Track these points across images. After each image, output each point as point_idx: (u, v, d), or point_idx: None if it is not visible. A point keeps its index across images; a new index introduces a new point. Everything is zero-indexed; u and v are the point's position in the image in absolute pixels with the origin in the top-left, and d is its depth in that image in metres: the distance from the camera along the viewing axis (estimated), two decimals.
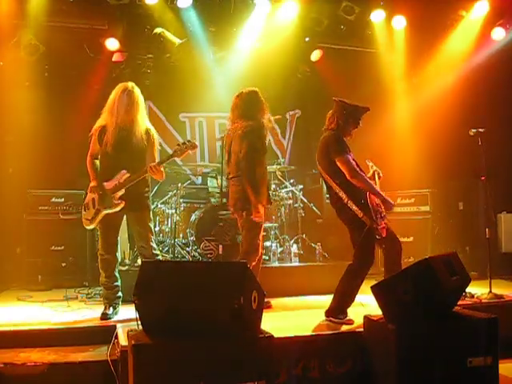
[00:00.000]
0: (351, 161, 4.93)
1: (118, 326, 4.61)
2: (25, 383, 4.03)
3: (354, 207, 4.84)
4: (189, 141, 5.23)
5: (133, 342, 3.42)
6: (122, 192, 5.15)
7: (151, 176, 5.20)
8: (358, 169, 4.94)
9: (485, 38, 8.21)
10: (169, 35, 7.77)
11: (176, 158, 5.29)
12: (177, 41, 7.87)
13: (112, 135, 5.13)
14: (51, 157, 7.67)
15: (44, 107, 7.50)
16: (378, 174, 5.34)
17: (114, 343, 4.31)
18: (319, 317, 5.01)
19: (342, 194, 4.92)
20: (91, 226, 5.31)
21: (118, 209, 5.16)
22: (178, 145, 5.20)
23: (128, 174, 5.14)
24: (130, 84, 5.22)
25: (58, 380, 4.07)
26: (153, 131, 5.34)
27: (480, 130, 6.08)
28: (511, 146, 8.53)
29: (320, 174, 5.20)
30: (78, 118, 7.40)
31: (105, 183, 5.20)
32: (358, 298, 4.98)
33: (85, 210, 5.33)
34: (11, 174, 7.53)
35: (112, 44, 7.71)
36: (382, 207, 4.96)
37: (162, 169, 5.16)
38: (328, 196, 5.34)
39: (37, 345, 4.43)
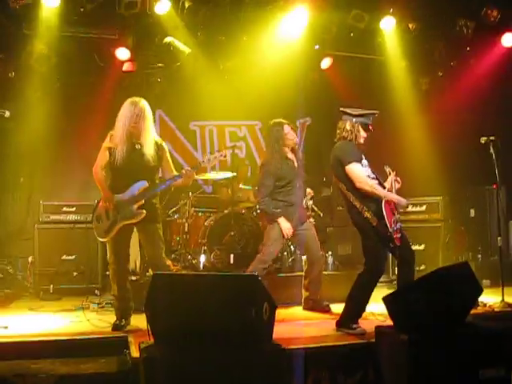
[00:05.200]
0: (359, 169, 4.88)
1: (130, 337, 4.62)
2: None
3: (368, 214, 4.79)
4: (217, 151, 5.43)
5: (144, 355, 3.43)
6: (141, 202, 5.08)
7: (182, 181, 5.26)
8: (364, 177, 4.87)
9: (495, 44, 8.17)
10: (178, 44, 7.78)
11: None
12: (186, 50, 7.89)
13: (122, 149, 5.08)
14: (62, 167, 7.71)
15: (55, 117, 7.55)
16: (396, 180, 5.27)
17: (125, 354, 4.31)
18: (330, 327, 5.01)
19: (356, 202, 4.86)
20: (106, 238, 5.17)
21: (138, 219, 5.07)
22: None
23: (147, 185, 5.12)
24: (137, 98, 5.21)
25: None
26: (162, 141, 5.35)
27: (491, 138, 6.06)
28: None
29: (334, 183, 5.19)
30: (89, 128, 7.46)
31: (119, 195, 5.11)
32: (370, 307, 4.95)
33: (98, 222, 5.22)
34: (22, 184, 7.57)
35: (122, 53, 7.72)
36: (396, 212, 4.91)
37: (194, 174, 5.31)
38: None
39: (48, 356, 4.41)
